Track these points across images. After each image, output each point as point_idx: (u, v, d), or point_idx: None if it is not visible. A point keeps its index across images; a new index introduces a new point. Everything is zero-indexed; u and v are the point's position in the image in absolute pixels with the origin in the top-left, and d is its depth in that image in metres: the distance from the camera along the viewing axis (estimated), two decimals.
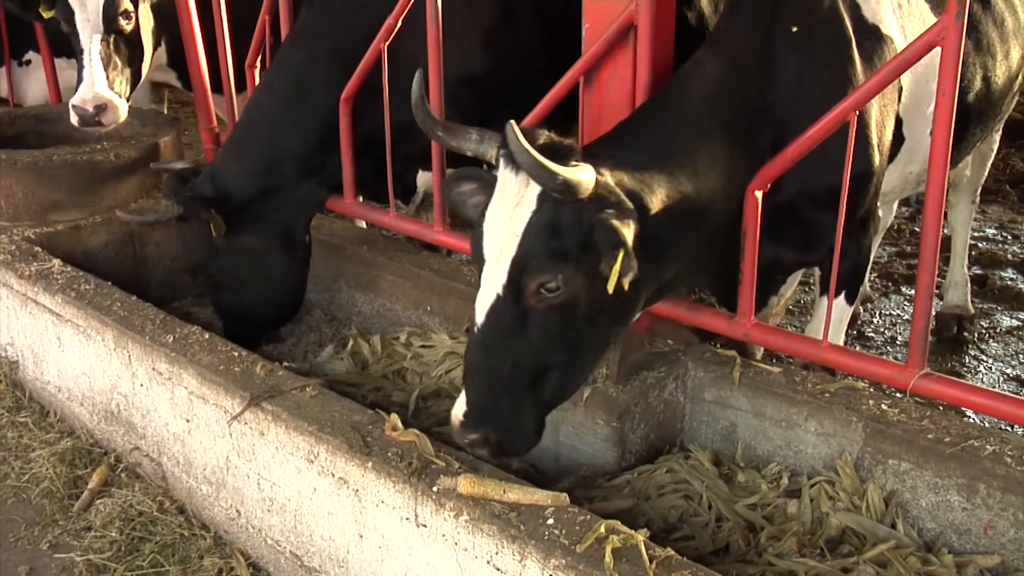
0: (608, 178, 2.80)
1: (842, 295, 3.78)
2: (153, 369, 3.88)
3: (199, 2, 5.25)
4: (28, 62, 6.51)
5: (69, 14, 5.09)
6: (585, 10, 3.51)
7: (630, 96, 3.42)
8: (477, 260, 2.84)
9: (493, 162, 2.82)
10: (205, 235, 4.33)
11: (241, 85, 5.08)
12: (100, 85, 5.03)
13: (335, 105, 4.29)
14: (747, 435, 3.58)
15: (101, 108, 5.00)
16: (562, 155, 2.70)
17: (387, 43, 4.05)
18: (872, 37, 3.55)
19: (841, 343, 3.91)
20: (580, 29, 3.57)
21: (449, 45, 3.93)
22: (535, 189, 2.68)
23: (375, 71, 4.14)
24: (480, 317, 2.80)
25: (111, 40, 5.13)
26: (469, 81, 4.36)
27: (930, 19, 3.89)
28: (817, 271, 3.97)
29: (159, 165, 5.16)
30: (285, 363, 3.77)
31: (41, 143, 5.54)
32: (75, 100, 5.01)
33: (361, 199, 4.64)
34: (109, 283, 4.36)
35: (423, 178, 4.77)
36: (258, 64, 4.99)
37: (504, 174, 2.75)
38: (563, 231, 2.69)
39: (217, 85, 5.30)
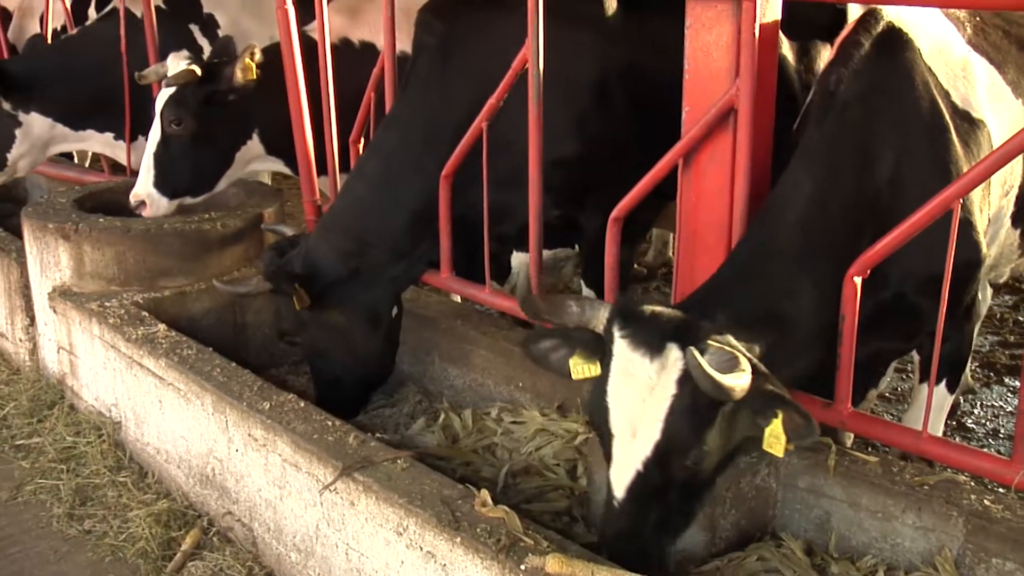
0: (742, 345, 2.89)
1: (943, 383, 3.70)
2: (249, 435, 3.96)
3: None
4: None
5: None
6: (685, 93, 3.55)
7: (729, 181, 3.44)
8: (600, 431, 2.96)
9: (602, 332, 2.96)
10: (294, 307, 4.45)
11: (345, 164, 5.21)
12: (143, 184, 5.42)
13: (422, 190, 4.40)
14: (841, 525, 3.50)
15: (140, 204, 5.42)
16: (698, 336, 2.81)
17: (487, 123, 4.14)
18: (964, 123, 3.53)
19: (940, 432, 3.82)
20: (675, 112, 3.61)
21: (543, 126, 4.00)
22: (672, 375, 2.79)
23: (470, 154, 4.22)
24: (620, 492, 2.90)
25: (169, 142, 5.42)
26: (561, 163, 4.41)
27: (1012, 101, 3.85)
28: (917, 357, 3.90)
29: (268, 227, 5.34)
30: (377, 434, 3.81)
31: None
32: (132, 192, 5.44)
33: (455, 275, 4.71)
34: (210, 349, 4.48)
35: (517, 259, 4.82)
36: (362, 141, 5.13)
37: (629, 356, 2.85)
38: (702, 408, 2.80)
39: (321, 168, 5.44)
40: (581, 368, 3.07)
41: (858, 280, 3.14)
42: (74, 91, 6.51)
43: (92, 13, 7.73)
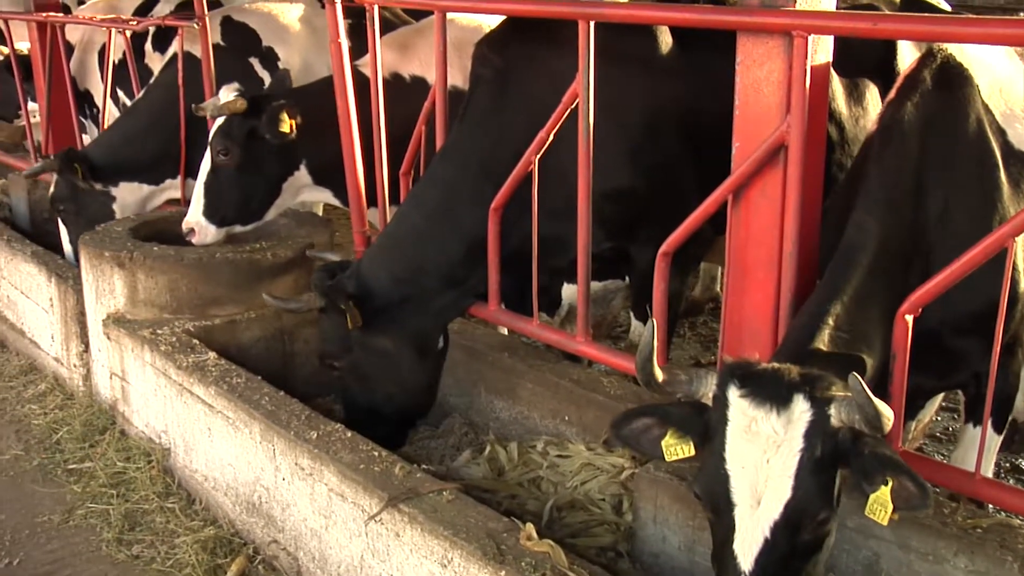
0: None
1: (989, 422, 3.65)
2: (296, 464, 3.98)
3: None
4: None
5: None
6: (736, 129, 3.55)
7: (779, 217, 3.42)
8: (715, 503, 2.78)
9: (709, 400, 2.82)
10: (342, 328, 4.45)
11: (395, 197, 5.26)
12: (193, 213, 5.58)
13: (481, 220, 4.40)
14: (891, 567, 3.44)
15: (190, 232, 5.57)
16: (824, 385, 2.71)
17: (538, 156, 4.17)
18: (1019, 163, 3.50)
19: (990, 473, 3.75)
20: (727, 147, 3.61)
21: (595, 159, 4.02)
22: (800, 428, 2.66)
23: (525, 186, 4.24)
24: (748, 564, 2.69)
25: (218, 172, 5.56)
26: (614, 196, 4.43)
27: None
28: (963, 397, 3.85)
29: (314, 253, 5.39)
30: (423, 466, 3.82)
31: None
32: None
33: (503, 308, 4.72)
34: (259, 377, 4.52)
35: (568, 291, 4.83)
36: (412, 173, 5.17)
37: (751, 414, 2.71)
38: (827, 461, 2.69)
39: (371, 199, 5.50)
40: (674, 448, 2.92)
41: (909, 318, 3.11)
42: (146, 151, 6.80)
43: (149, 48, 7.90)
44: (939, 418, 5.78)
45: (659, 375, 2.87)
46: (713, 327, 7.17)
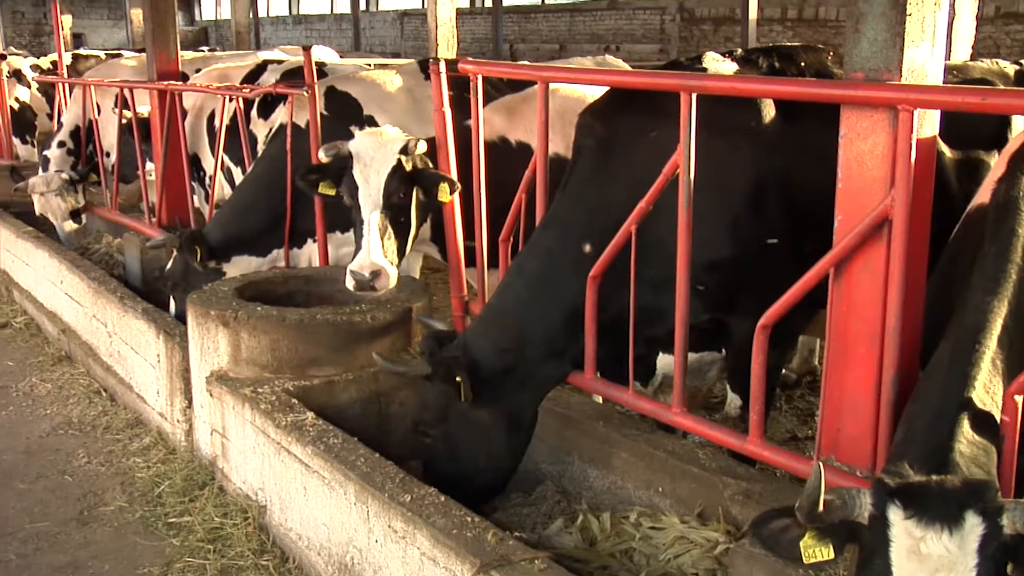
0: None
1: None
2: (389, 527, 4.00)
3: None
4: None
5: (354, 189, 5.60)
6: (838, 202, 3.52)
7: (882, 291, 3.37)
8: None
9: (866, 521, 2.75)
10: (445, 398, 4.47)
11: (494, 260, 5.31)
12: (376, 254, 5.46)
13: (582, 289, 4.40)
14: None
15: (376, 275, 5.44)
16: (992, 497, 2.64)
17: (638, 226, 4.18)
18: None
19: None
20: (829, 219, 3.58)
21: (696, 230, 4.02)
22: (972, 544, 2.59)
23: (624, 256, 4.25)
24: None
25: (387, 214, 5.56)
26: (714, 267, 4.41)
27: None
28: None
29: (423, 318, 5.43)
30: (515, 533, 3.80)
31: (308, 302, 5.96)
32: (353, 266, 5.48)
33: (599, 376, 4.70)
34: (355, 439, 4.56)
35: (663, 361, 4.80)
36: (511, 240, 5.23)
37: (919, 535, 2.64)
38: (1000, 567, 2.61)
39: (470, 260, 5.56)
40: (813, 551, 2.87)
41: (1019, 399, 3.02)
42: (259, 223, 7.04)
43: (254, 114, 8.18)
44: None
45: (820, 508, 2.79)
46: (810, 400, 7.03)
